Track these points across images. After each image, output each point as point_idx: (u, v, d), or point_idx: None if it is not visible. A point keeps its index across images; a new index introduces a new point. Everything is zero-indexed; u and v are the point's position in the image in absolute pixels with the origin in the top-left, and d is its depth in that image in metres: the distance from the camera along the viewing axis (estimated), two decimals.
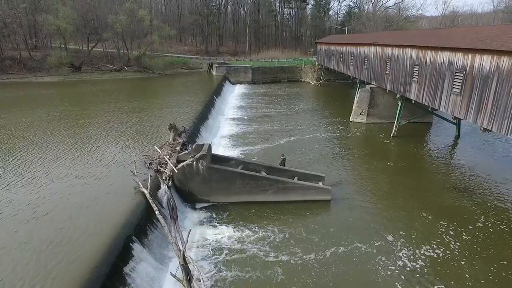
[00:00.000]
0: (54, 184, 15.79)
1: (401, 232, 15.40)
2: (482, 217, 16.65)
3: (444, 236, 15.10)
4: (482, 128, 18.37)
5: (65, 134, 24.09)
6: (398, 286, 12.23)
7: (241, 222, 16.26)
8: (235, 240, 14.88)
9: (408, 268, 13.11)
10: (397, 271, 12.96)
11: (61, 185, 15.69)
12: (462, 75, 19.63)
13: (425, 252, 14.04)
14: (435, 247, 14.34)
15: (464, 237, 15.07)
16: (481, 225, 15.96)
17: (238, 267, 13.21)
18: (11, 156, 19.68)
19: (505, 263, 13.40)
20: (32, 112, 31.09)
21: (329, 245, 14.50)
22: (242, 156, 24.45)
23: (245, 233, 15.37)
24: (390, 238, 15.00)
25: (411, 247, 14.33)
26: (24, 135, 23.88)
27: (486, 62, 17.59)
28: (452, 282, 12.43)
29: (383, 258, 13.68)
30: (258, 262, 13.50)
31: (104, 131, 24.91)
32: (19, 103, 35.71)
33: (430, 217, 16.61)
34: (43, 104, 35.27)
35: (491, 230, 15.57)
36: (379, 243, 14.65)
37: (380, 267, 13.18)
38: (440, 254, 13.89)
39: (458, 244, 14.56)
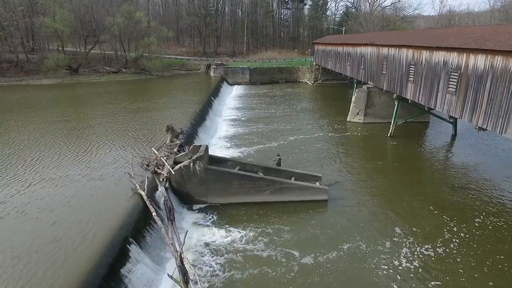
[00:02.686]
0: (52, 186, 15.83)
1: (398, 231, 15.48)
2: (483, 213, 16.78)
3: (443, 233, 15.17)
4: (477, 127, 18.48)
5: (74, 135, 24.63)
6: (396, 284, 12.30)
7: (238, 223, 16.32)
8: (232, 241, 14.93)
9: (406, 267, 13.16)
10: (395, 270, 13.02)
11: (59, 186, 15.73)
12: (457, 74, 19.75)
13: (423, 250, 14.10)
14: (434, 244, 14.39)
15: (462, 234, 15.16)
16: (480, 221, 16.08)
17: (235, 267, 13.27)
18: (28, 156, 20.20)
19: (502, 257, 13.57)
20: (46, 113, 31.95)
21: (326, 245, 14.56)
22: (239, 157, 24.52)
23: (242, 234, 15.43)
24: (387, 237, 15.07)
25: (409, 246, 14.39)
26: (37, 136, 24.43)
27: (480, 61, 17.70)
28: (447, 278, 12.55)
29: (380, 257, 13.75)
30: (255, 262, 13.55)
31: (108, 132, 25.39)
32: (27, 105, 36.04)
33: (428, 215, 16.69)
34: (52, 106, 35.91)
35: (490, 227, 15.66)
36: (376, 241, 14.73)
37: (377, 266, 13.23)
38: (439, 251, 13.96)
39: (457, 241, 14.64)
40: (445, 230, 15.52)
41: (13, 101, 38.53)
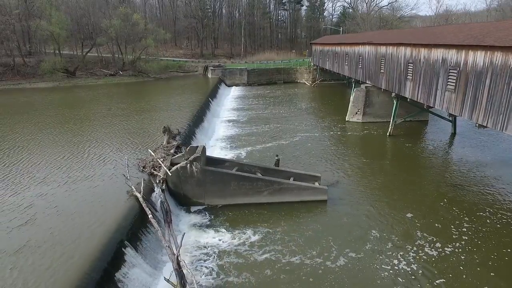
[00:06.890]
0: (47, 188, 15.52)
1: (400, 230, 15.22)
2: (490, 209, 16.56)
3: (447, 232, 14.93)
4: (477, 124, 18.27)
5: (69, 136, 24.37)
6: (399, 286, 12.03)
7: (236, 225, 16.04)
8: (231, 243, 14.65)
9: (408, 268, 12.88)
10: (397, 271, 12.76)
11: (54, 189, 15.42)
12: (456, 72, 19.55)
13: (427, 250, 13.81)
14: (438, 244, 14.13)
15: (467, 231, 14.95)
16: (482, 217, 15.85)
17: (233, 270, 12.98)
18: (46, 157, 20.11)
19: (510, 250, 13.46)
20: (65, 112, 32.75)
21: (326, 247, 14.29)
22: (237, 158, 24.26)
23: (241, 236, 15.15)
24: (388, 237, 14.81)
25: (410, 245, 14.12)
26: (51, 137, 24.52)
27: (479, 58, 17.51)
28: (450, 275, 12.35)
29: (382, 257, 13.48)
30: (254, 265, 13.27)
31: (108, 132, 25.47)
32: (37, 106, 36.06)
33: (430, 214, 16.44)
34: (63, 107, 36.09)
35: (498, 225, 15.42)
36: (377, 241, 14.46)
37: (378, 267, 12.97)
38: (444, 251, 13.68)
39: (465, 238, 14.42)
40: (450, 228, 15.26)
41: (20, 104, 38.09)
